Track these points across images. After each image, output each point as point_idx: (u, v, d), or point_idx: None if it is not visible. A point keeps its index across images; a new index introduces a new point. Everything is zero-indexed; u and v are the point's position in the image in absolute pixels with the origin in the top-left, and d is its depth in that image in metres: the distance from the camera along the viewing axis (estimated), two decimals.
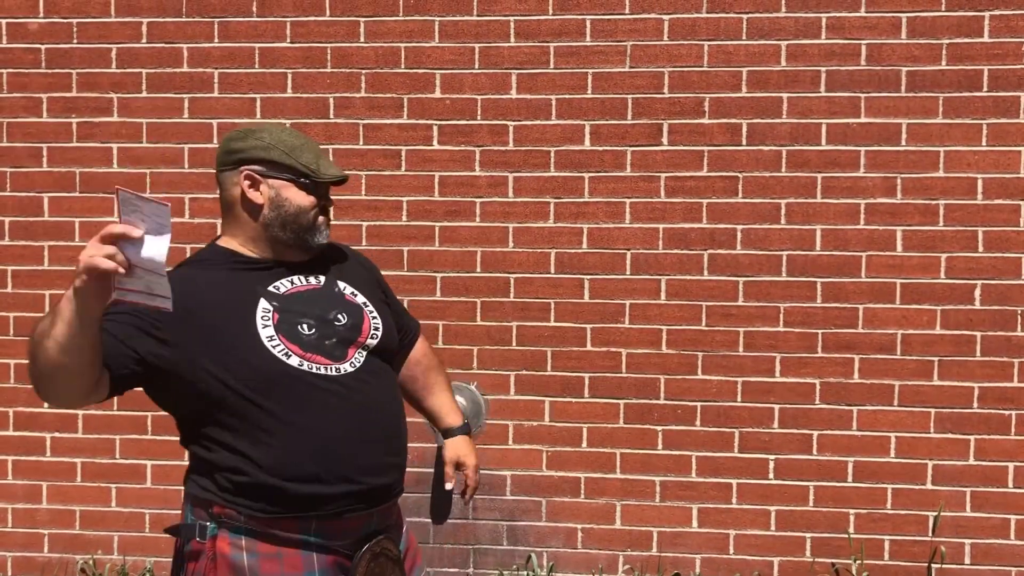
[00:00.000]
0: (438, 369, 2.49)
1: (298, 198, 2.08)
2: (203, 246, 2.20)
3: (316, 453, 1.98)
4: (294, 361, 1.99)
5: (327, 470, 1.99)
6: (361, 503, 2.03)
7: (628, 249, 3.70)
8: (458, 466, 2.41)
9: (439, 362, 2.51)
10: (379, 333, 2.13)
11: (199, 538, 1.99)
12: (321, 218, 2.12)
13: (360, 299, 2.16)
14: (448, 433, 2.43)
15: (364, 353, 2.09)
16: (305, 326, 2.03)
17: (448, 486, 2.38)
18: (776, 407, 3.68)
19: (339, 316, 2.09)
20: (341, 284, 2.16)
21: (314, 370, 2.00)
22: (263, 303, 2.03)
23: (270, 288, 2.06)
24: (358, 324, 2.11)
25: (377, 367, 2.12)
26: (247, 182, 2.08)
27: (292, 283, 2.10)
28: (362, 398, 2.04)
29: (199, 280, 2.03)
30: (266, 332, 2.00)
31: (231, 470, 1.98)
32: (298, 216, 2.09)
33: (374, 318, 2.15)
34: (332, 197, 2.19)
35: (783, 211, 3.65)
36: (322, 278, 2.14)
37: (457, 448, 2.41)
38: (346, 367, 2.05)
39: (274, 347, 1.99)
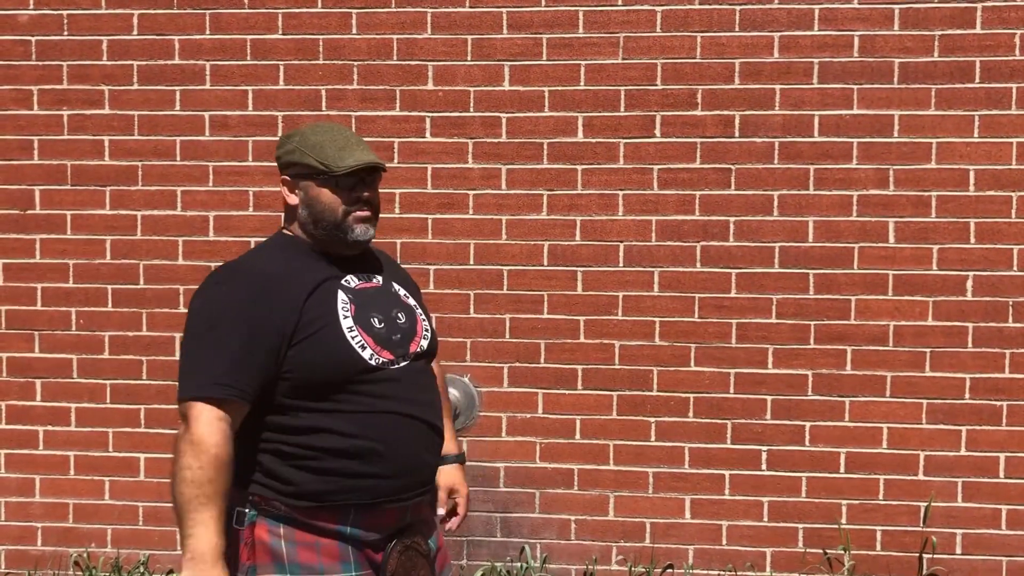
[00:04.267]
0: (444, 392, 2.51)
1: (322, 195, 2.11)
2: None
3: (378, 442, 2.03)
4: (367, 353, 2.05)
5: (386, 459, 2.04)
6: (402, 495, 2.08)
7: (621, 241, 3.70)
8: (450, 493, 2.44)
9: (445, 385, 2.53)
10: (429, 335, 2.22)
11: (236, 524, 2.02)
12: (354, 213, 2.12)
13: (412, 302, 2.24)
14: (445, 460, 2.45)
15: (417, 353, 2.16)
16: (376, 320, 2.09)
17: (440, 511, 2.40)
18: (768, 398, 3.68)
19: (399, 315, 2.16)
20: (396, 285, 2.23)
21: (382, 364, 2.06)
22: (341, 295, 2.08)
23: (343, 281, 2.12)
24: (413, 325, 2.18)
25: (426, 367, 2.20)
26: (285, 188, 2.16)
27: (358, 279, 2.15)
28: (416, 393, 2.11)
29: (286, 265, 2.08)
30: (346, 323, 2.05)
31: (285, 456, 2.01)
32: (324, 213, 2.11)
33: (424, 321, 2.23)
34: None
35: (776, 203, 3.65)
36: (379, 278, 2.20)
37: (452, 476, 2.45)
38: (405, 364, 2.11)
39: (352, 338, 2.04)
